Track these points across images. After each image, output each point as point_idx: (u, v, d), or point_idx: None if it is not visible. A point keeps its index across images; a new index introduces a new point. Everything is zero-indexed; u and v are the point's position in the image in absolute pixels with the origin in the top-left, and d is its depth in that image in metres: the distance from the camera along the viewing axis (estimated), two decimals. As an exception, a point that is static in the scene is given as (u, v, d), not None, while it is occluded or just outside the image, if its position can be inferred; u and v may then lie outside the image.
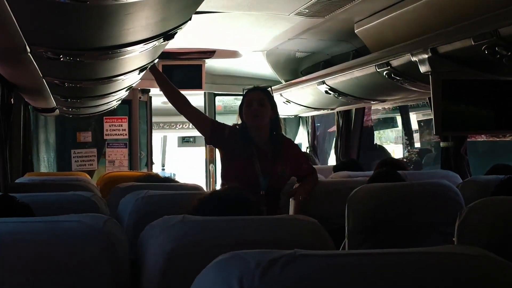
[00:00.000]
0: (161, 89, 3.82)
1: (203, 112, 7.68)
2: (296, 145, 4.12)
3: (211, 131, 3.70)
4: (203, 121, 3.78)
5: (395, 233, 2.75)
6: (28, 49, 2.51)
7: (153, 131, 8.07)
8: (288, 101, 6.29)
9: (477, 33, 2.85)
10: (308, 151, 7.51)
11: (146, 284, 1.75)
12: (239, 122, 3.72)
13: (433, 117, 3.40)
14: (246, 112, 3.63)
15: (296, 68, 6.24)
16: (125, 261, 1.75)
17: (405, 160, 8.43)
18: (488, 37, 2.78)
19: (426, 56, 3.30)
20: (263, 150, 3.63)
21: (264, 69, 6.34)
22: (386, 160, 4.87)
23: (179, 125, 11.29)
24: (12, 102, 4.25)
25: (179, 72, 6.84)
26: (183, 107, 3.74)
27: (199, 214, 1.92)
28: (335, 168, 5.21)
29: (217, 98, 7.93)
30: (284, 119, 8.03)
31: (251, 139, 3.63)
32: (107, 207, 2.92)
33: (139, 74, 3.99)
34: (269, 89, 3.75)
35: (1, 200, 2.23)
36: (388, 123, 9.71)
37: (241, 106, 3.71)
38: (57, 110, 5.71)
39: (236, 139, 3.63)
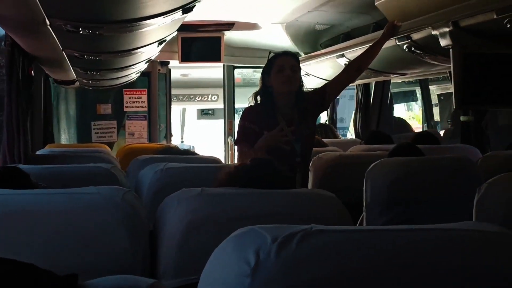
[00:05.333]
0: None
1: (222, 83, 7.75)
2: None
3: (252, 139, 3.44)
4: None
5: (413, 208, 2.75)
6: (47, 22, 2.52)
7: (172, 103, 8.10)
8: (307, 74, 6.26)
9: (500, 7, 2.81)
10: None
11: (163, 255, 1.77)
12: (260, 87, 3.55)
13: (453, 91, 3.37)
14: (277, 76, 3.44)
15: (315, 41, 6.19)
16: (144, 233, 1.77)
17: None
18: (511, 10, 2.75)
19: (447, 29, 3.25)
20: (289, 115, 3.49)
21: (283, 41, 6.30)
22: (421, 133, 4.86)
23: (198, 98, 11.26)
24: (33, 74, 4.27)
25: (198, 44, 6.82)
26: None
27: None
28: (366, 140, 5.04)
29: (236, 70, 7.89)
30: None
31: (276, 106, 3.48)
32: (126, 179, 2.95)
33: (158, 46, 4.00)
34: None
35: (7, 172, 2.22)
36: (408, 96, 9.64)
37: (268, 70, 3.50)
38: (77, 82, 5.75)
39: (261, 116, 3.46)
